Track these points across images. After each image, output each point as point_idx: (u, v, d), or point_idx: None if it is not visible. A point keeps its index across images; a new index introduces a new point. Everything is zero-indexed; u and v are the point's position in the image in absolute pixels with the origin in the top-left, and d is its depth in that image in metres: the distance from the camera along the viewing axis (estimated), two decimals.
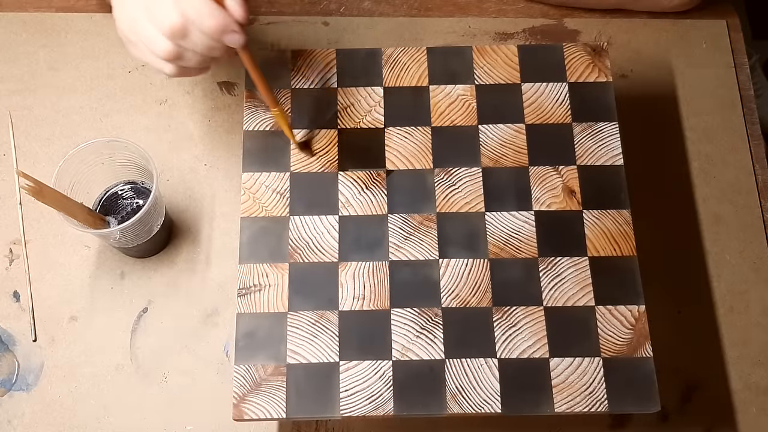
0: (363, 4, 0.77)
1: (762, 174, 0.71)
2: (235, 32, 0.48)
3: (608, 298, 0.55)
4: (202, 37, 0.48)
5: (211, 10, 0.47)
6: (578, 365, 0.53)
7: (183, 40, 0.48)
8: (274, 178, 0.58)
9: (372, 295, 0.55)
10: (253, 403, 0.52)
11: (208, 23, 0.47)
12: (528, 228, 0.57)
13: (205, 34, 0.47)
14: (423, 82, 0.61)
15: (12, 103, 0.71)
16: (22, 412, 0.62)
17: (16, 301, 0.65)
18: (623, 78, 0.74)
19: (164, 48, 0.48)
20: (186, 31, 0.47)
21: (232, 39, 0.48)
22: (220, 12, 0.47)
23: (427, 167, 0.59)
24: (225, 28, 0.47)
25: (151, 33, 0.48)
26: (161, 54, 0.48)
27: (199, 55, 0.49)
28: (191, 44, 0.48)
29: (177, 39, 0.47)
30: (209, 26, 0.47)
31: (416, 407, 0.52)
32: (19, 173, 0.54)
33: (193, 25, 0.47)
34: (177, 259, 0.67)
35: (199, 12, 0.47)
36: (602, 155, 0.59)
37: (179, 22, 0.46)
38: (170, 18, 0.46)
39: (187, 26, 0.47)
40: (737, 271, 0.67)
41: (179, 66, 0.50)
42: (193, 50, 0.48)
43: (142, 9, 0.48)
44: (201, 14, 0.47)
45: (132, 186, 0.65)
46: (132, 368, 0.63)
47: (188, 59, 0.49)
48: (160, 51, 0.48)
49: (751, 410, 0.63)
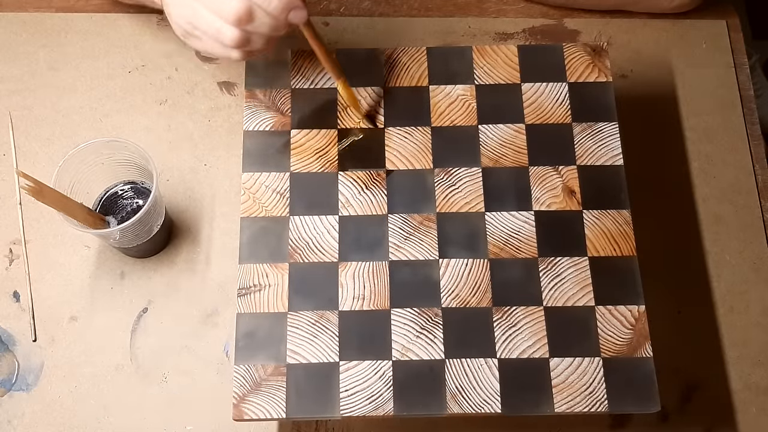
0: (363, 4, 0.77)
1: (762, 174, 0.71)
2: (298, 8, 0.48)
3: (608, 298, 0.55)
4: (267, 18, 0.47)
5: None
6: (578, 365, 0.53)
7: (249, 25, 0.47)
8: (274, 178, 0.58)
9: (372, 295, 0.55)
10: (253, 403, 0.52)
11: (274, 3, 0.47)
12: (528, 228, 0.57)
13: (270, 14, 0.47)
14: (423, 82, 0.61)
15: (12, 103, 0.71)
16: (22, 412, 0.62)
17: (16, 301, 0.65)
18: (623, 78, 0.74)
19: (232, 36, 0.48)
20: (252, 15, 0.47)
21: (296, 15, 0.48)
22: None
23: (427, 167, 0.59)
24: (290, 5, 0.47)
25: (216, 23, 0.48)
26: (230, 42, 0.48)
27: (264, 36, 0.49)
28: (258, 27, 0.48)
29: (243, 24, 0.47)
30: (275, 6, 0.47)
31: (416, 407, 0.52)
32: (19, 173, 0.54)
33: (259, 8, 0.47)
34: (177, 259, 0.67)
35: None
36: (602, 155, 0.59)
37: (244, 6, 0.46)
38: (234, 5, 0.46)
39: (252, 10, 0.47)
40: (737, 271, 0.67)
41: (246, 50, 0.50)
42: (259, 32, 0.48)
43: (202, 1, 0.48)
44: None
45: (132, 186, 0.65)
46: (132, 368, 0.63)
47: (255, 42, 0.49)
48: (228, 39, 0.48)
49: (751, 410, 0.63)
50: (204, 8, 0.48)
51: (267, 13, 0.47)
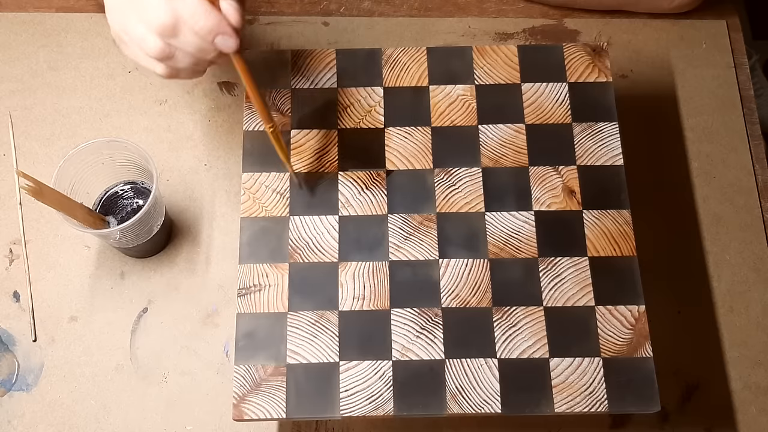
0: (363, 4, 0.77)
1: (762, 174, 0.71)
2: (227, 35, 0.47)
3: (608, 298, 0.55)
4: (194, 37, 0.46)
5: (204, 9, 0.46)
6: (578, 365, 0.53)
7: (173, 39, 0.47)
8: (274, 178, 0.58)
9: (372, 295, 0.55)
10: (253, 403, 0.52)
11: (200, 23, 0.46)
12: (528, 228, 0.57)
13: (197, 34, 0.46)
14: (423, 82, 0.61)
15: (12, 103, 0.71)
16: (22, 412, 0.62)
17: (16, 301, 0.65)
18: (623, 78, 0.74)
19: (154, 46, 0.47)
20: (176, 29, 0.46)
21: (224, 42, 0.47)
22: (213, 12, 0.46)
23: (427, 167, 0.59)
24: (217, 30, 0.46)
25: (142, 31, 0.47)
26: (151, 52, 0.47)
27: (190, 55, 0.48)
28: (182, 44, 0.47)
29: (167, 37, 0.46)
30: (201, 26, 0.46)
31: (416, 407, 0.52)
32: (19, 173, 0.54)
33: (185, 24, 0.46)
34: (177, 259, 0.67)
35: (191, 10, 0.46)
36: (602, 155, 0.59)
37: (170, 19, 0.46)
38: (160, 15, 0.46)
39: (177, 24, 0.46)
40: (737, 271, 0.67)
41: (171, 66, 0.49)
42: (183, 50, 0.47)
43: (133, 7, 0.47)
44: (193, 13, 0.46)
45: (132, 186, 0.65)
46: (132, 368, 0.63)
47: (179, 59, 0.48)
48: (150, 49, 0.47)
49: (751, 410, 0.63)
50: (134, 15, 0.47)
51: (193, 32, 0.46)
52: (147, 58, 0.48)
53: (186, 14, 0.46)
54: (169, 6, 0.46)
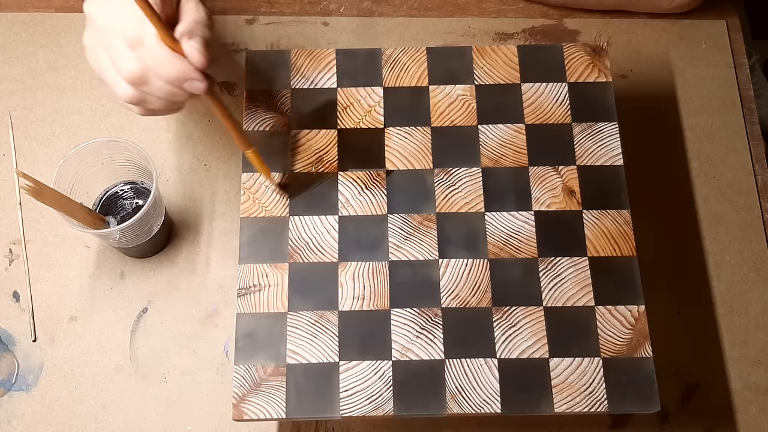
0: (363, 4, 0.77)
1: (762, 174, 0.71)
2: (195, 79, 0.46)
3: (608, 298, 0.55)
4: (163, 84, 0.47)
5: (169, 58, 0.45)
6: (578, 365, 0.53)
7: (144, 87, 0.47)
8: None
9: (372, 295, 0.55)
10: (252, 404, 0.52)
11: (167, 71, 0.46)
12: (528, 228, 0.57)
13: (165, 81, 0.46)
14: (423, 83, 0.61)
15: (12, 103, 0.71)
16: (22, 412, 0.62)
17: (15, 301, 0.65)
18: (623, 78, 0.74)
19: (125, 92, 0.47)
20: (145, 78, 0.46)
21: (193, 86, 0.47)
22: (177, 60, 0.46)
23: (427, 167, 0.59)
24: (184, 76, 0.46)
25: (113, 77, 0.47)
26: (124, 98, 0.48)
27: (162, 100, 0.48)
28: (153, 90, 0.47)
29: (137, 85, 0.47)
30: (168, 74, 0.46)
31: (416, 407, 0.52)
32: (19, 173, 0.54)
33: (152, 73, 0.46)
34: (177, 259, 0.67)
35: (156, 60, 0.45)
36: (602, 155, 0.59)
37: (138, 69, 0.46)
38: (129, 65, 0.46)
39: (146, 74, 0.46)
40: (737, 271, 0.67)
41: (145, 108, 0.49)
42: (156, 95, 0.48)
43: (106, 51, 0.47)
44: (159, 62, 0.45)
45: (132, 186, 0.65)
46: (132, 368, 0.63)
47: (152, 103, 0.48)
48: (122, 96, 0.48)
49: (750, 410, 0.63)
50: (106, 61, 0.47)
51: (161, 79, 0.46)
52: (122, 100, 0.49)
53: (152, 63, 0.46)
54: (136, 57, 0.46)
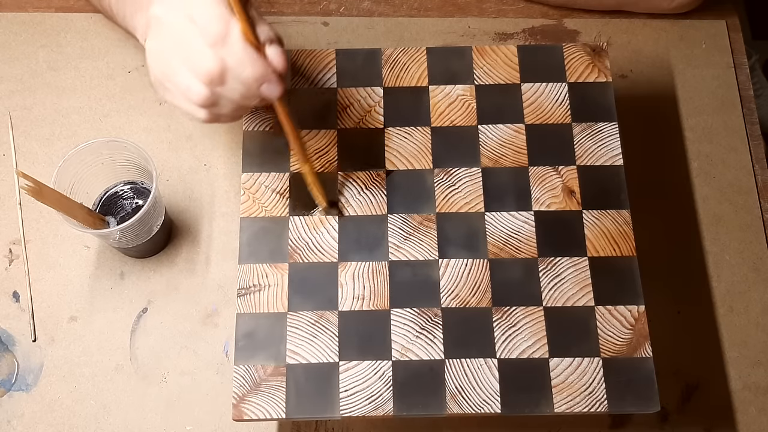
0: (363, 4, 0.77)
1: (762, 174, 0.71)
2: (273, 83, 0.47)
3: (608, 298, 0.55)
4: (240, 85, 0.46)
5: (251, 58, 0.45)
6: (578, 365, 0.53)
7: (220, 87, 0.46)
8: (274, 178, 0.58)
9: (372, 296, 0.55)
10: (252, 404, 0.52)
11: (248, 72, 0.45)
12: (528, 228, 0.57)
13: (243, 82, 0.46)
14: (423, 83, 0.61)
15: (12, 103, 0.71)
16: (22, 412, 0.62)
17: (15, 301, 0.65)
18: (623, 78, 0.74)
19: (200, 94, 0.46)
20: (224, 78, 0.46)
21: (269, 89, 0.47)
22: (260, 60, 0.46)
23: (427, 167, 0.59)
24: (263, 78, 0.46)
25: (187, 78, 0.46)
26: (196, 100, 0.47)
27: (234, 102, 0.48)
28: (228, 91, 0.47)
29: (214, 85, 0.46)
30: (248, 75, 0.46)
31: (416, 407, 0.52)
32: (18, 173, 0.54)
33: (231, 73, 0.46)
34: (177, 259, 0.67)
35: (239, 59, 0.45)
36: (602, 155, 0.59)
37: (217, 68, 0.45)
38: (208, 64, 0.45)
39: (225, 73, 0.46)
40: (737, 271, 0.67)
41: (213, 113, 0.49)
42: (228, 97, 0.47)
43: (179, 53, 0.46)
44: (241, 62, 0.45)
45: (132, 186, 0.65)
46: (132, 368, 0.63)
47: (222, 106, 0.48)
48: (196, 97, 0.47)
49: (750, 410, 0.63)
50: (179, 63, 0.47)
51: (239, 80, 0.46)
52: (190, 104, 0.48)
53: (233, 62, 0.45)
54: (216, 54, 0.45)
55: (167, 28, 0.47)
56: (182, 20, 0.46)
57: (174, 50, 0.47)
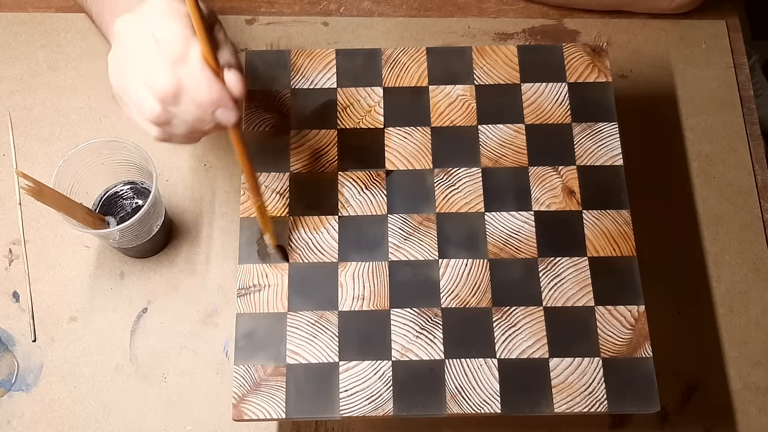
0: (363, 4, 0.77)
1: (762, 174, 0.71)
2: (228, 108, 0.46)
3: (608, 299, 0.55)
4: (194, 107, 0.46)
5: (208, 80, 0.45)
6: (578, 365, 0.53)
7: (173, 106, 0.46)
8: (274, 178, 0.58)
9: (372, 296, 0.55)
10: (252, 404, 0.52)
11: (203, 94, 0.45)
12: (528, 228, 0.57)
13: (198, 105, 0.45)
14: (423, 83, 0.61)
15: (12, 103, 0.71)
16: (22, 412, 0.62)
17: (15, 301, 0.65)
18: (623, 78, 0.74)
19: (153, 110, 0.46)
20: (178, 98, 0.45)
21: (224, 115, 0.46)
22: (216, 84, 0.45)
23: (427, 167, 0.59)
24: (218, 102, 0.45)
25: (142, 93, 0.46)
26: (149, 116, 0.46)
27: (187, 123, 0.47)
28: (181, 112, 0.46)
29: (167, 104, 0.46)
30: (203, 97, 0.45)
31: (416, 407, 0.52)
32: (18, 173, 0.54)
33: (187, 94, 0.45)
34: (177, 259, 0.67)
35: (195, 80, 0.45)
36: (602, 155, 0.59)
37: (172, 86, 0.45)
38: (164, 81, 0.45)
39: (179, 92, 0.45)
40: (737, 271, 0.67)
41: (166, 131, 0.48)
42: (181, 118, 0.47)
43: (137, 68, 0.46)
44: (197, 83, 0.45)
45: (132, 186, 0.65)
46: (132, 368, 0.63)
47: (175, 126, 0.47)
48: (149, 113, 0.46)
49: (750, 410, 0.63)
50: (137, 77, 0.46)
51: (194, 102, 0.45)
52: (144, 120, 0.47)
53: (189, 83, 0.45)
54: (173, 73, 0.45)
55: (130, 42, 0.46)
56: (145, 36, 0.45)
57: (133, 65, 0.46)
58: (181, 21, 0.45)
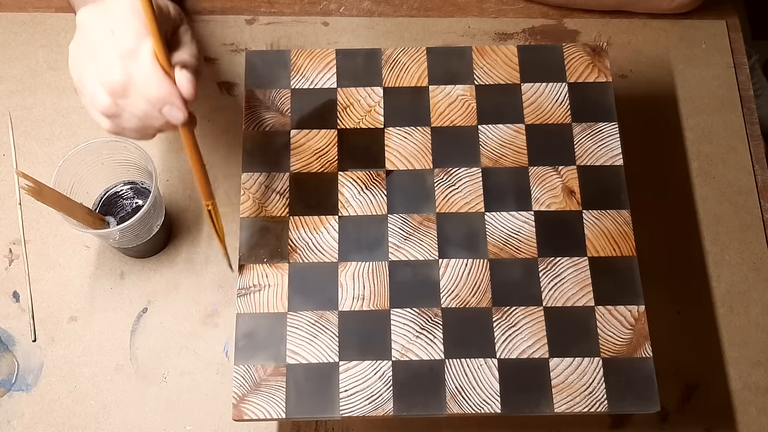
0: (363, 4, 0.77)
1: (762, 174, 0.71)
2: (175, 107, 0.46)
3: (608, 299, 0.55)
4: (142, 102, 0.46)
5: (157, 77, 0.45)
6: (578, 365, 0.53)
7: (122, 100, 0.46)
8: (274, 178, 0.58)
9: (372, 296, 0.55)
10: (252, 404, 0.52)
11: (151, 90, 0.45)
12: (528, 228, 0.57)
13: (146, 100, 0.46)
14: (423, 83, 0.61)
15: (12, 103, 0.71)
16: (22, 412, 0.62)
17: (15, 301, 0.65)
18: (623, 78, 0.74)
19: (102, 102, 0.47)
20: (126, 92, 0.46)
21: (171, 113, 0.47)
22: (166, 82, 0.45)
23: (427, 167, 0.59)
24: (166, 99, 0.46)
25: (94, 85, 0.47)
26: (99, 107, 0.47)
27: (136, 118, 0.47)
28: (130, 106, 0.47)
29: (116, 97, 0.46)
30: (151, 93, 0.45)
31: (416, 407, 0.52)
32: (19, 173, 0.54)
33: (136, 89, 0.46)
34: (177, 259, 0.67)
35: (145, 76, 0.45)
36: (602, 155, 0.59)
37: (122, 80, 0.45)
38: (114, 74, 0.45)
39: (128, 87, 0.46)
40: (737, 271, 0.67)
41: (116, 124, 0.48)
42: (131, 112, 0.47)
43: (91, 60, 0.47)
44: (146, 79, 0.45)
45: (132, 186, 0.65)
46: (132, 368, 0.63)
47: (125, 120, 0.48)
48: (98, 104, 0.47)
49: (750, 410, 0.63)
50: (91, 69, 0.47)
51: (143, 97, 0.46)
52: (95, 111, 0.48)
53: (138, 78, 0.45)
54: (124, 67, 0.45)
55: (88, 34, 0.47)
56: (103, 29, 0.46)
57: (89, 56, 0.47)
58: (139, 17, 0.45)
